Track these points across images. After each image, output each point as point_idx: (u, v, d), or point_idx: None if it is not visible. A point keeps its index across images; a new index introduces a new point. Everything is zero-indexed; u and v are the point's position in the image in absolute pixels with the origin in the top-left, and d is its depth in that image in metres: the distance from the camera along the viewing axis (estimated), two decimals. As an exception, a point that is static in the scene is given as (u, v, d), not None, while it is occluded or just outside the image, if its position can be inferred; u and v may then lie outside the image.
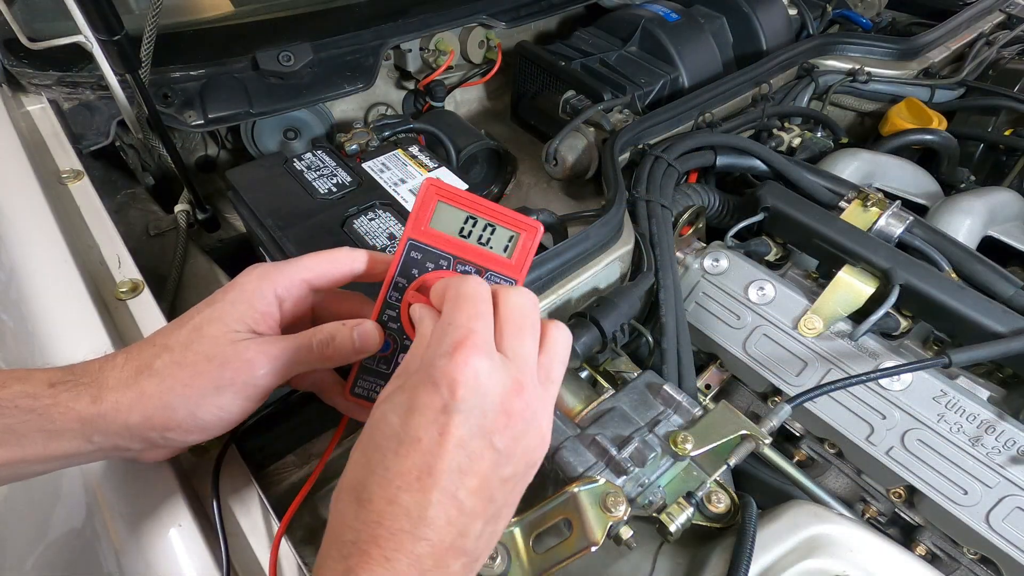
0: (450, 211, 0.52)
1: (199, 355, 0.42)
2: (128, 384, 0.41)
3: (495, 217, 0.52)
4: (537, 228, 0.53)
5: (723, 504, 0.57)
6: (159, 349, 0.42)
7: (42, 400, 0.39)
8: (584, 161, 1.03)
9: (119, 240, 0.70)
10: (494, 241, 0.53)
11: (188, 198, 0.92)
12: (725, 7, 1.32)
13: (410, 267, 0.52)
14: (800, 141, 1.08)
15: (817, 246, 0.81)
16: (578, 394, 0.69)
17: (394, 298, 0.52)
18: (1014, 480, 0.62)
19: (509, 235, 0.53)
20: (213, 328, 0.43)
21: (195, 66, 0.91)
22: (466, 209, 0.52)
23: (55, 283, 0.62)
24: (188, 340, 0.43)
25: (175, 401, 0.41)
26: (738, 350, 0.79)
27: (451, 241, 0.52)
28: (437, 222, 0.52)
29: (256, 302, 0.45)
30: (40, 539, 0.54)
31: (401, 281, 0.52)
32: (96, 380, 0.41)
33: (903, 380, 0.70)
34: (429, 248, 0.52)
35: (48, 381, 0.40)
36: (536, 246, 0.53)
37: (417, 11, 1.10)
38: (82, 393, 0.40)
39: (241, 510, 0.51)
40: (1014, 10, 1.54)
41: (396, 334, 0.53)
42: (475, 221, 0.52)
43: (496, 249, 0.53)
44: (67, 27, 0.75)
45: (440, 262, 0.52)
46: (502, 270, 0.53)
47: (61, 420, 0.39)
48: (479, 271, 0.52)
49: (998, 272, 0.77)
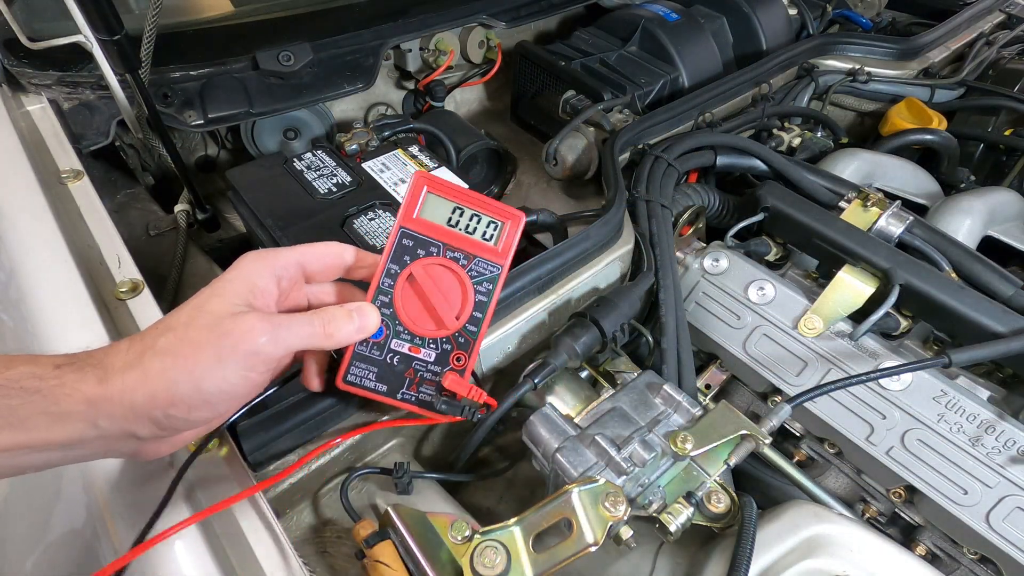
0: (439, 201, 0.55)
1: (200, 329, 0.42)
2: (133, 365, 0.41)
3: (481, 207, 0.55)
4: (520, 217, 0.56)
5: (723, 504, 0.57)
6: (162, 330, 0.43)
7: (48, 381, 0.39)
8: (584, 161, 1.03)
9: (119, 240, 0.70)
10: (480, 229, 0.56)
11: (188, 198, 0.92)
12: (725, 7, 1.33)
13: (402, 254, 0.54)
14: (800, 141, 1.08)
15: (817, 246, 0.81)
16: (578, 394, 0.69)
17: (387, 284, 0.54)
18: (1014, 480, 0.62)
19: (494, 224, 0.56)
20: (213, 304, 0.44)
21: (195, 66, 0.91)
22: (453, 199, 0.55)
23: (55, 283, 0.62)
24: (190, 318, 0.43)
25: (179, 375, 0.41)
26: (738, 350, 0.79)
27: (440, 229, 0.55)
28: (426, 212, 0.55)
29: (255, 279, 0.46)
30: (40, 539, 0.54)
31: (393, 268, 0.54)
32: (102, 363, 0.41)
33: (903, 380, 0.70)
34: (420, 236, 0.55)
35: (54, 363, 0.40)
36: (519, 233, 0.57)
37: (417, 11, 1.10)
38: (88, 374, 0.40)
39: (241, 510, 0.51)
40: (1014, 10, 1.54)
41: (389, 319, 0.55)
42: (462, 211, 0.55)
43: (482, 237, 0.56)
44: (67, 27, 0.75)
45: (431, 249, 0.55)
46: (489, 256, 0.56)
47: (67, 402, 0.39)
48: (467, 257, 0.56)
49: (998, 272, 0.77)
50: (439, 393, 0.57)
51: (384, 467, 0.61)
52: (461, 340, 0.57)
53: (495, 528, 0.52)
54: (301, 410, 0.59)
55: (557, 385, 0.69)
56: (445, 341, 0.57)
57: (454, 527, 0.52)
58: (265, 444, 0.58)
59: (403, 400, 0.57)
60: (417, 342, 0.56)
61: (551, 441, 0.59)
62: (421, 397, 0.57)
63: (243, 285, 0.46)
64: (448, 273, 0.56)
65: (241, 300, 0.45)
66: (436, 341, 0.56)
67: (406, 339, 0.56)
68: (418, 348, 0.56)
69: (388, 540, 0.51)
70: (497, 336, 0.69)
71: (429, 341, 0.56)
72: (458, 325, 0.56)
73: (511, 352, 0.72)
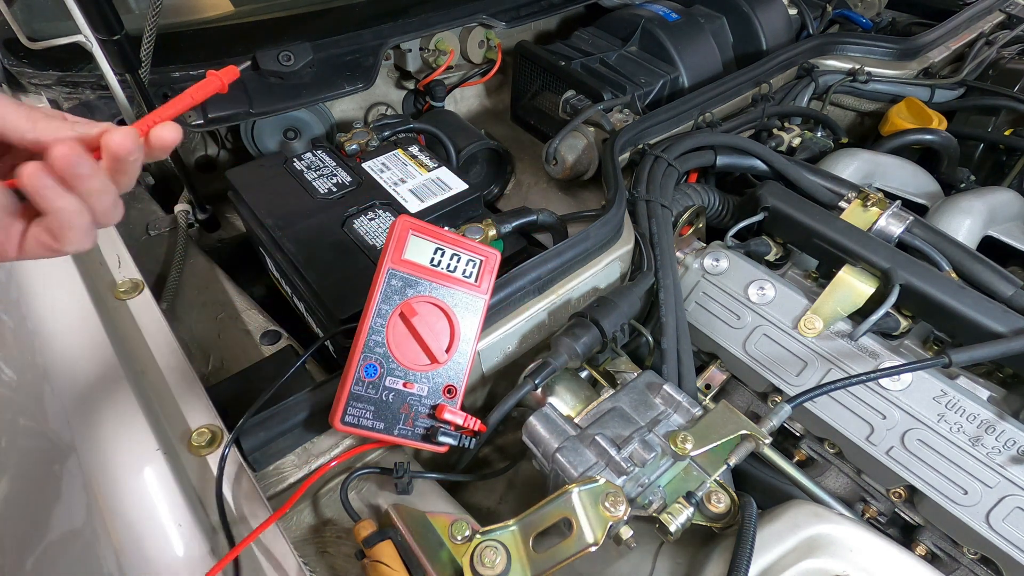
0: (422, 243, 0.59)
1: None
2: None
3: (460, 246, 0.60)
4: (495, 255, 0.62)
5: (723, 504, 0.57)
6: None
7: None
8: (584, 161, 1.03)
9: (119, 240, 0.70)
10: (460, 267, 0.61)
11: (188, 198, 0.92)
12: (725, 7, 1.32)
13: (391, 294, 0.58)
14: (800, 141, 1.08)
15: (817, 246, 0.81)
16: (578, 394, 0.69)
17: (378, 324, 0.57)
18: (1014, 480, 0.62)
19: (473, 261, 0.61)
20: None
21: (195, 66, 0.91)
22: (436, 240, 0.59)
23: (55, 283, 0.62)
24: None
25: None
26: (738, 350, 0.78)
27: (425, 269, 0.59)
28: (411, 252, 0.58)
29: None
30: (40, 539, 0.54)
31: (384, 308, 0.57)
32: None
33: (903, 380, 0.70)
34: (407, 276, 0.58)
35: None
36: (496, 269, 0.62)
37: (417, 11, 1.10)
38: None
39: (241, 510, 0.51)
40: (1014, 10, 1.54)
41: (382, 358, 0.57)
42: (443, 251, 0.60)
43: (463, 274, 0.61)
44: (67, 27, 0.75)
45: (418, 287, 0.59)
46: (470, 291, 0.61)
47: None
48: (451, 293, 0.61)
49: (998, 272, 0.77)
50: (434, 425, 0.60)
51: (384, 467, 0.61)
52: (451, 373, 0.61)
53: (495, 528, 0.52)
54: (301, 410, 0.59)
55: (557, 385, 0.69)
56: (436, 375, 0.60)
57: (454, 527, 0.52)
58: (265, 444, 0.58)
59: (400, 436, 0.59)
60: (410, 378, 0.59)
61: (551, 441, 0.59)
62: (417, 431, 0.60)
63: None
64: (435, 309, 0.60)
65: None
66: (428, 376, 0.60)
67: (399, 376, 0.59)
68: (412, 384, 0.59)
69: (388, 540, 0.51)
70: (497, 336, 0.69)
71: (421, 376, 0.59)
72: (448, 358, 0.60)
73: (511, 352, 0.72)
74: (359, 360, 0.56)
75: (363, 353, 0.56)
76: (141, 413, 0.54)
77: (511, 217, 0.82)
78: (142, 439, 0.52)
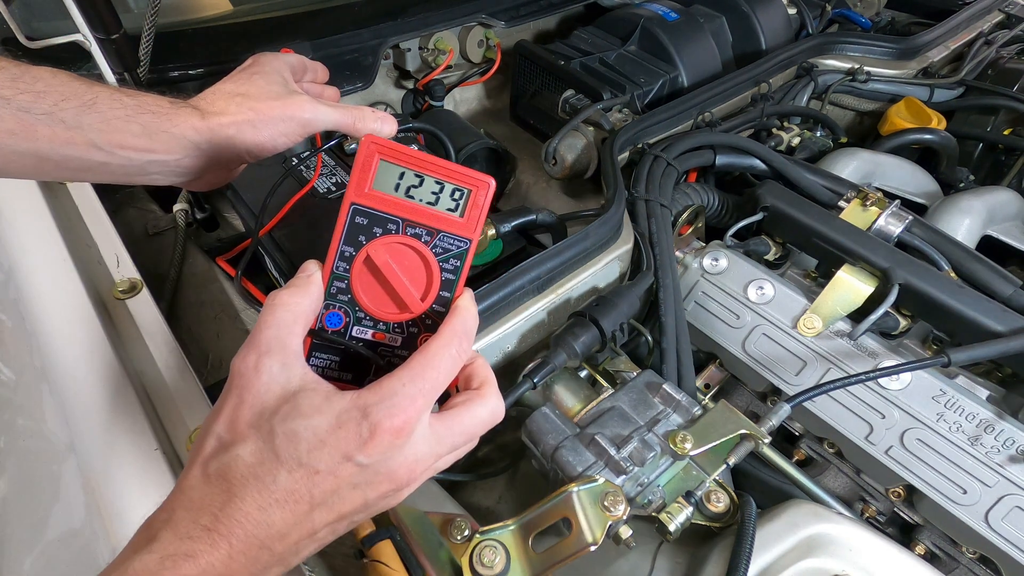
0: (394, 169, 0.48)
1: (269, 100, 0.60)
2: (223, 112, 0.58)
3: (443, 173, 0.48)
4: (489, 182, 0.49)
5: (722, 503, 0.57)
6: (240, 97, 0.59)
7: (167, 109, 0.55)
8: (583, 160, 1.03)
9: (117, 239, 0.70)
10: (444, 200, 0.49)
11: (187, 197, 0.92)
12: (725, 6, 1.32)
13: (356, 234, 0.48)
14: (799, 140, 1.08)
15: (816, 245, 0.81)
16: (577, 393, 0.69)
17: (342, 268, 0.49)
18: (1013, 479, 0.62)
19: (459, 191, 0.48)
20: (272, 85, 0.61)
21: (194, 65, 0.91)
22: (411, 167, 0.47)
23: (54, 282, 0.62)
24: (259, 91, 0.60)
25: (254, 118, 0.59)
26: (737, 349, 0.79)
27: (398, 203, 0.48)
28: (380, 183, 0.48)
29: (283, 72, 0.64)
30: (39, 539, 0.54)
31: (347, 250, 0.48)
32: (199, 107, 0.57)
33: (902, 379, 0.70)
34: (374, 212, 0.48)
35: (168, 101, 0.56)
36: (489, 202, 0.49)
37: (416, 10, 1.10)
38: (192, 112, 0.56)
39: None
40: (1013, 10, 1.54)
41: (348, 306, 0.49)
42: (422, 179, 0.48)
43: (446, 208, 0.49)
44: (65, 26, 0.75)
45: (388, 226, 0.48)
46: (455, 230, 0.49)
47: (181, 127, 0.55)
48: (430, 233, 0.49)
49: (997, 271, 0.77)
50: None
51: (383, 467, 0.60)
52: (428, 322, 0.51)
53: (495, 527, 0.52)
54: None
55: (556, 384, 0.69)
56: (411, 324, 0.51)
57: (453, 526, 0.52)
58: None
59: None
60: (381, 328, 0.50)
61: (550, 440, 0.59)
62: None
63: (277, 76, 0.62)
64: (410, 252, 0.49)
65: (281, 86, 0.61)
66: (402, 325, 0.51)
67: (368, 325, 0.50)
68: (382, 334, 0.51)
69: (387, 540, 0.51)
70: (496, 335, 0.69)
71: (394, 326, 0.51)
72: (424, 307, 0.50)
73: (510, 351, 0.72)
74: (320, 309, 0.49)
75: (325, 301, 0.49)
76: (140, 413, 0.54)
77: (510, 216, 0.82)
78: (141, 439, 0.52)
